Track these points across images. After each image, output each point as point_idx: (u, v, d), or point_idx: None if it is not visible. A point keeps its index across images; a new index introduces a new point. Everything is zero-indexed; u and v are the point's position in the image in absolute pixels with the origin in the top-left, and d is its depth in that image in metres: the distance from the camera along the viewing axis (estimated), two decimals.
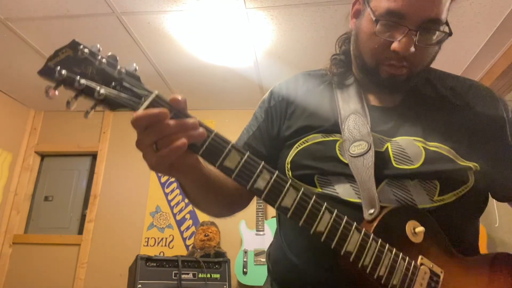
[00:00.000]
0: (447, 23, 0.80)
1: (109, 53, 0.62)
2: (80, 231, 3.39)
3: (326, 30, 2.41)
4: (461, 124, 0.81)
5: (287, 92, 0.91)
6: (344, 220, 0.66)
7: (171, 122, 0.59)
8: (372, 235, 0.66)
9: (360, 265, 0.65)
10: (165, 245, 3.25)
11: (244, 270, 2.81)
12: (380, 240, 0.67)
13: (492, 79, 2.76)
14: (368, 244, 0.66)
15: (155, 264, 2.60)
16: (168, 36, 2.55)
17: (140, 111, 0.59)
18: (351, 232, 0.66)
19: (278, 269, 0.84)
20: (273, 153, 0.87)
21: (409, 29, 0.74)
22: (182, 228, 3.31)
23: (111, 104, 0.61)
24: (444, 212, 0.73)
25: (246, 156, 0.63)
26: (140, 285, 2.49)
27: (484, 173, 0.78)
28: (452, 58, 2.70)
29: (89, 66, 0.60)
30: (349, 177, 0.75)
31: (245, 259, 2.85)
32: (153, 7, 2.29)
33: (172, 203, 3.38)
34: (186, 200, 3.38)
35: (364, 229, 0.67)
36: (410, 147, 0.76)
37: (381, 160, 0.75)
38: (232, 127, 3.61)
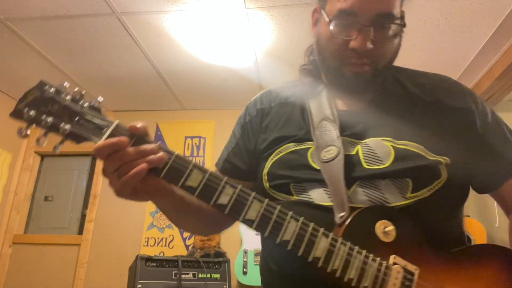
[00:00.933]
0: (402, 18, 0.81)
1: (75, 89, 0.68)
2: (80, 231, 3.39)
3: None
4: (430, 120, 0.82)
5: (261, 106, 0.93)
6: (311, 227, 0.67)
7: (130, 149, 0.64)
8: (340, 239, 0.67)
9: (329, 269, 0.66)
10: (165, 245, 3.25)
11: (244, 270, 2.81)
12: (349, 244, 0.67)
13: (492, 79, 2.76)
14: (337, 249, 0.66)
15: (155, 264, 2.60)
16: (168, 36, 2.55)
17: (101, 142, 0.65)
18: (318, 238, 0.66)
19: (264, 278, 0.87)
20: (253, 167, 0.89)
21: (363, 26, 0.76)
22: None
23: (76, 138, 0.68)
24: (420, 208, 0.73)
25: (208, 174, 0.67)
26: (140, 285, 2.49)
27: (458, 166, 0.78)
28: (452, 58, 2.70)
29: (55, 104, 0.67)
30: (322, 183, 0.76)
31: (245, 259, 2.85)
32: (153, 7, 2.29)
33: None
34: None
35: (332, 233, 0.68)
36: (380, 147, 0.77)
37: (352, 163, 0.77)
38: (232, 127, 3.61)
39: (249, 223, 0.66)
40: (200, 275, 2.65)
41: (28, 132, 0.67)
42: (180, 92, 3.34)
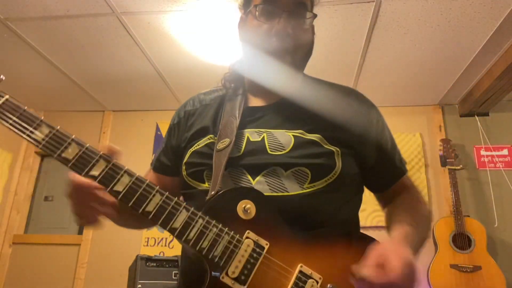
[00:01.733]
0: (315, 15, 0.97)
1: None
2: (80, 231, 3.39)
3: (326, 30, 2.41)
4: (332, 115, 0.91)
5: (188, 108, 1.05)
6: (174, 201, 0.75)
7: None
8: (199, 213, 0.75)
9: (183, 239, 0.74)
10: (165, 245, 3.25)
11: None
12: (207, 218, 0.75)
13: (492, 79, 2.76)
14: (194, 221, 0.74)
15: (155, 264, 2.60)
16: (168, 36, 2.55)
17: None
18: (179, 211, 0.75)
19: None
20: (178, 162, 0.98)
21: (282, 12, 0.90)
22: None
23: None
24: (316, 197, 0.83)
25: (107, 162, 0.79)
26: (140, 285, 2.49)
27: (350, 158, 0.89)
28: (452, 58, 2.70)
29: None
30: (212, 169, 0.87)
31: None
32: (153, 7, 2.29)
33: None
34: None
35: (192, 208, 0.76)
36: (282, 136, 0.88)
37: (257, 149, 0.87)
38: None
39: (116, 194, 0.75)
40: None
41: None
42: (180, 92, 3.34)
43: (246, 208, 0.77)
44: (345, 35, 2.47)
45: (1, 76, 0.80)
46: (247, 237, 0.75)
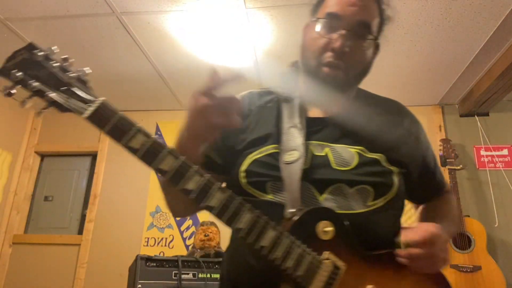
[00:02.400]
0: (377, 36, 0.96)
1: (64, 56, 0.71)
2: (80, 231, 3.39)
3: None
4: (387, 135, 0.95)
5: (242, 107, 1.02)
6: (264, 219, 0.76)
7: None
8: (286, 233, 0.76)
9: (272, 257, 0.75)
10: (165, 245, 3.25)
11: None
12: (291, 237, 0.76)
13: (492, 79, 2.76)
14: (280, 240, 0.76)
15: (155, 264, 2.60)
16: (168, 36, 2.55)
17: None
18: (267, 229, 0.76)
19: (230, 268, 0.95)
20: (229, 162, 0.96)
21: (344, 29, 0.90)
22: (182, 228, 3.31)
23: (60, 107, 0.69)
24: (375, 215, 0.86)
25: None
26: (140, 285, 2.49)
27: (404, 178, 0.93)
28: (452, 58, 2.70)
29: (43, 70, 0.68)
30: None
31: None
32: (153, 7, 2.29)
33: None
34: None
35: (279, 227, 0.77)
36: (345, 152, 0.89)
37: (321, 162, 0.87)
38: None
39: (208, 208, 0.74)
40: (200, 275, 2.65)
41: (13, 91, 0.68)
42: (180, 92, 3.34)
43: (325, 229, 0.79)
44: None
45: (87, 69, 0.73)
46: (327, 258, 0.78)
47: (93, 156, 3.63)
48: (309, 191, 0.85)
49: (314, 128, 0.93)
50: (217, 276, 2.68)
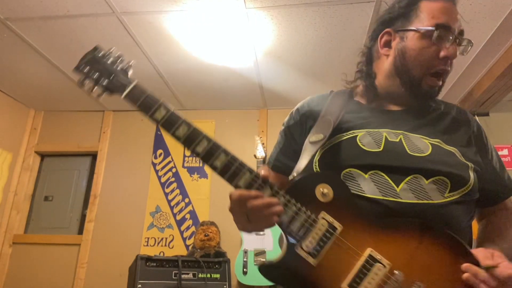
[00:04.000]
0: (470, 42, 1.03)
1: (117, 53, 0.99)
2: (80, 231, 3.40)
3: (326, 30, 2.41)
4: (460, 135, 0.98)
5: (308, 108, 1.08)
6: (260, 179, 0.84)
7: (261, 201, 0.81)
8: (282, 192, 0.83)
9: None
10: (165, 245, 3.25)
11: (244, 270, 2.81)
12: (287, 196, 0.83)
13: (492, 79, 2.76)
14: (277, 198, 0.82)
15: (155, 264, 2.60)
16: (168, 36, 2.55)
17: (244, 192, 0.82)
18: (263, 189, 0.83)
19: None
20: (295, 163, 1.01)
21: (455, 37, 0.95)
22: (182, 228, 3.31)
23: (110, 91, 0.95)
24: (454, 207, 0.86)
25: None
26: (140, 285, 2.49)
27: (478, 174, 0.93)
28: None
29: (100, 65, 0.95)
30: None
31: (245, 259, 2.85)
32: (153, 7, 2.29)
33: (172, 203, 3.38)
34: (186, 200, 3.39)
35: (276, 186, 0.84)
36: (419, 141, 0.92)
37: (397, 147, 0.90)
38: (232, 127, 3.62)
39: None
40: (200, 275, 2.65)
41: (86, 82, 0.94)
42: (180, 92, 3.34)
43: (324, 191, 0.84)
44: (345, 35, 2.47)
45: (132, 62, 1.01)
46: (322, 218, 0.82)
47: (93, 156, 3.63)
48: (386, 182, 0.87)
49: (387, 118, 0.98)
50: (217, 276, 2.68)
